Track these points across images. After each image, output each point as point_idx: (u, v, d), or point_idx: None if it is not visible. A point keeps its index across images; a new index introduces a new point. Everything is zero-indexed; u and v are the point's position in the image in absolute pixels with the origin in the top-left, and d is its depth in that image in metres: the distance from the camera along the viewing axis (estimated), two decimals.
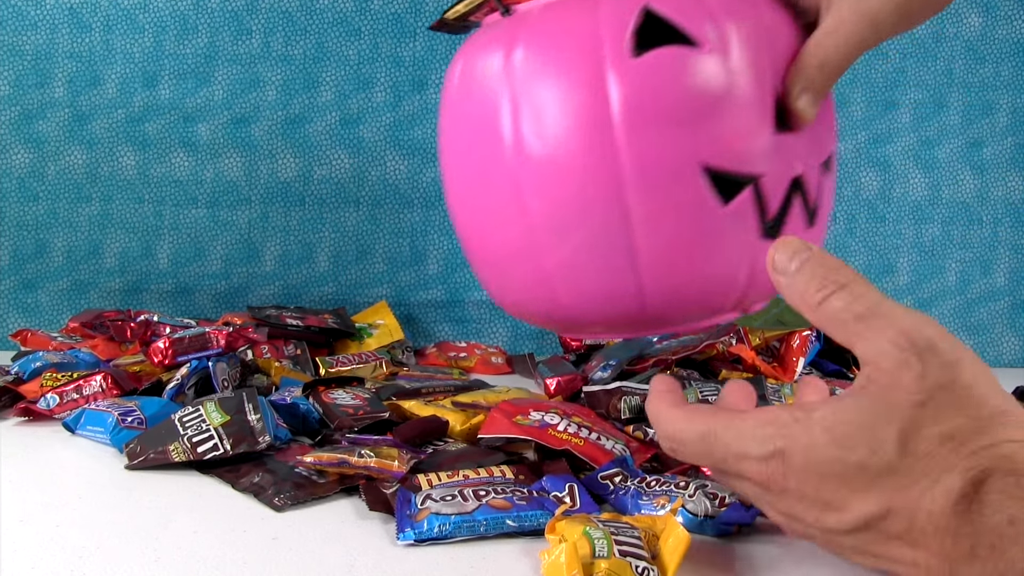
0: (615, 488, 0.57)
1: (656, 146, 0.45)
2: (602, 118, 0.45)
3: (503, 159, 0.48)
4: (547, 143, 0.46)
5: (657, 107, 0.45)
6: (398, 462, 0.58)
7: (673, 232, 0.46)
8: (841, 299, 0.39)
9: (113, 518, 0.54)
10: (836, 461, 0.38)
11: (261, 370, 0.87)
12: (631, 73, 0.45)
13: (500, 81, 0.48)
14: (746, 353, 0.91)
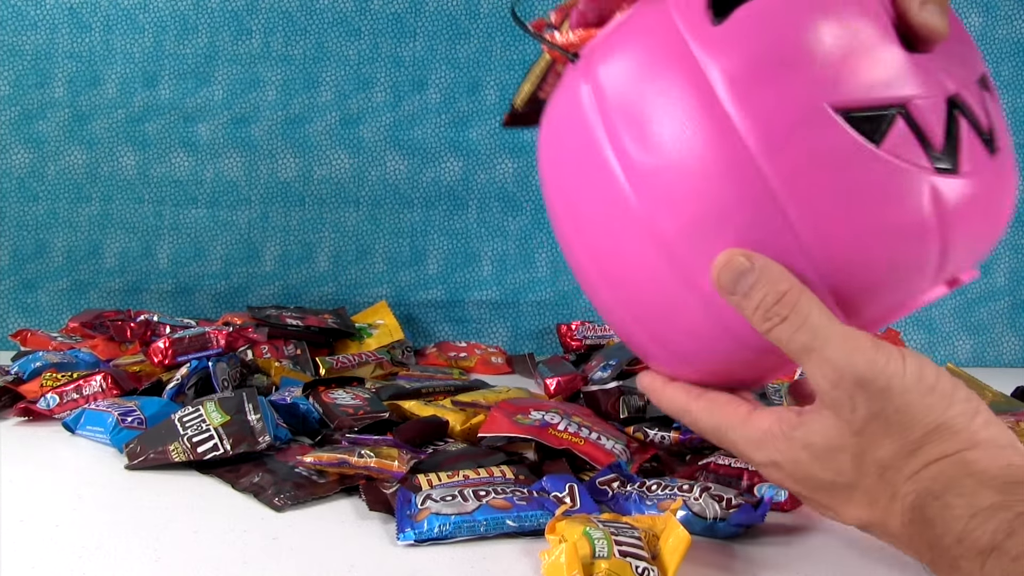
0: (615, 494, 0.57)
1: (773, 103, 0.39)
2: (708, 100, 0.40)
3: (618, 193, 0.43)
4: (660, 152, 0.41)
5: (756, 62, 0.39)
6: (398, 462, 0.58)
7: (827, 192, 0.39)
8: (783, 332, 0.39)
9: (113, 518, 0.54)
10: (817, 477, 0.40)
11: (261, 370, 0.87)
12: (719, 42, 0.40)
13: (591, 112, 0.44)
14: None
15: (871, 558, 0.50)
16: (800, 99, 0.39)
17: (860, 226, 0.39)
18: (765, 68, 0.39)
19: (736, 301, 0.39)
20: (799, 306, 0.38)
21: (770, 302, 0.38)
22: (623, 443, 0.65)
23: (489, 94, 1.16)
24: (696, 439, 0.67)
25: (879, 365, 0.37)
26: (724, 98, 0.40)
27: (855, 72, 0.39)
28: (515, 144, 1.16)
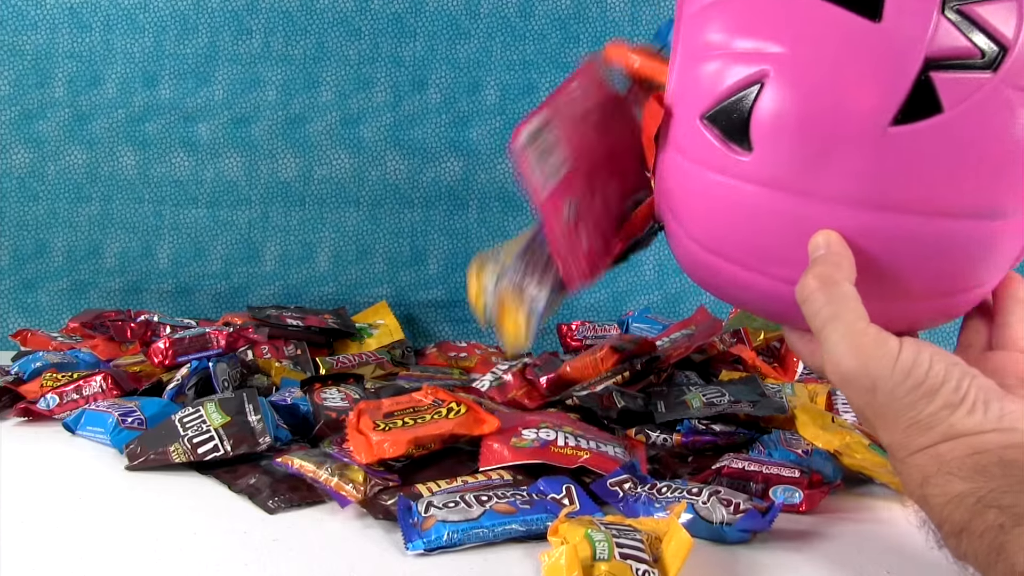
0: (625, 495, 0.57)
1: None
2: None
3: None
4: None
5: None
6: (353, 486, 0.56)
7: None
8: (808, 307, 0.42)
9: (113, 518, 0.54)
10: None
11: (261, 370, 0.87)
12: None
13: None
14: (746, 353, 0.91)
15: (880, 564, 0.50)
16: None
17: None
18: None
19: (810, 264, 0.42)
20: (831, 294, 0.41)
21: (814, 284, 0.41)
22: (622, 446, 0.65)
23: (489, 94, 1.16)
24: (698, 441, 0.67)
25: (870, 363, 0.40)
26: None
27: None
28: None
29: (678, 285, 1.20)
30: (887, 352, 0.40)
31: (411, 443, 0.60)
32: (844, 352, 0.40)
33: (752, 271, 0.46)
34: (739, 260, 0.46)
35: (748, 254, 0.45)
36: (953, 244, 0.42)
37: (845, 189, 0.41)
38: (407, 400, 0.69)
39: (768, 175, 0.42)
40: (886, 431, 0.41)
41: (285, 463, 0.59)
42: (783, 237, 0.43)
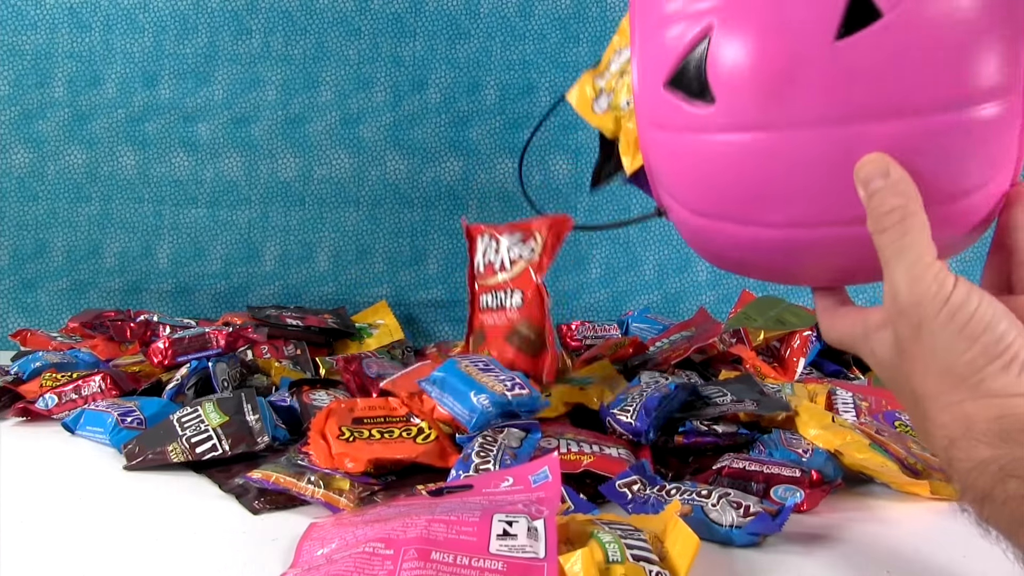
0: (633, 497, 0.56)
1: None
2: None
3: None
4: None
5: None
6: (345, 499, 0.55)
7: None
8: (880, 238, 0.41)
9: (112, 518, 0.54)
10: (884, 379, 0.46)
11: (261, 370, 0.87)
12: None
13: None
14: (746, 353, 0.91)
15: (880, 564, 0.50)
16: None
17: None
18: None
19: (863, 195, 0.42)
20: (902, 224, 0.41)
21: (884, 210, 0.41)
22: (626, 449, 0.64)
23: (489, 94, 1.16)
24: (699, 443, 0.67)
25: (924, 299, 0.40)
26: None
27: None
28: (515, 144, 1.16)
29: (678, 285, 1.20)
30: (941, 290, 0.39)
31: (371, 463, 0.59)
32: (904, 285, 0.40)
33: (748, 224, 0.46)
34: (732, 215, 0.46)
35: (739, 206, 0.46)
36: (934, 143, 0.41)
37: (809, 112, 0.42)
38: (381, 405, 0.68)
39: (734, 120, 0.43)
40: (921, 377, 0.41)
41: (264, 479, 0.57)
42: (764, 176, 0.44)
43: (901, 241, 0.40)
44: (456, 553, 0.41)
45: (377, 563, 0.41)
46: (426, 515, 0.45)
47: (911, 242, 0.40)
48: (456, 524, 0.44)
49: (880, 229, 0.41)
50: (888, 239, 0.41)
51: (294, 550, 0.47)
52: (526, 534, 0.43)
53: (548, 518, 0.45)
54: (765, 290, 1.15)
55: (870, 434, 0.65)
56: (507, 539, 0.43)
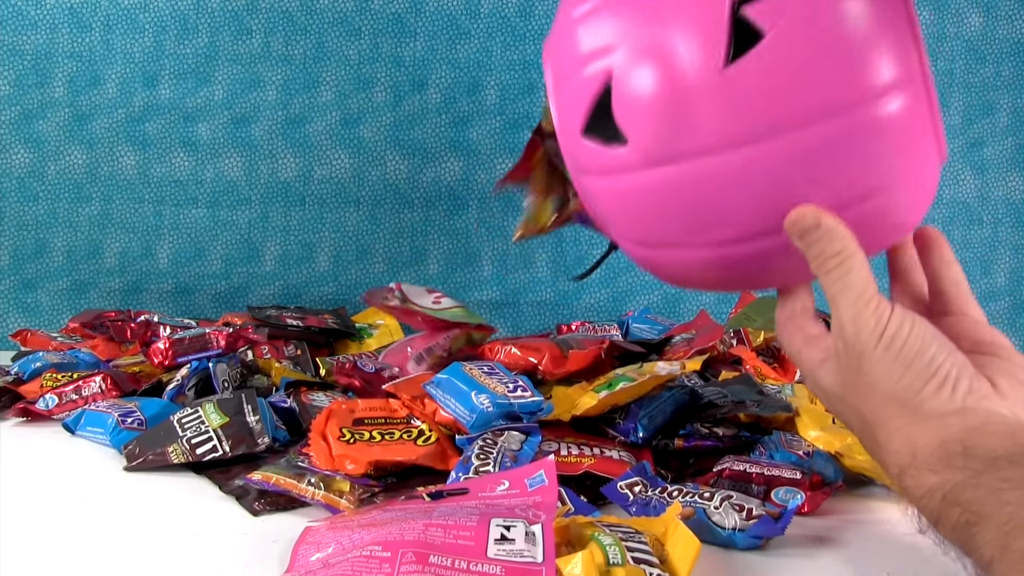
0: (635, 498, 0.56)
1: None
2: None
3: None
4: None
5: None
6: (346, 499, 0.55)
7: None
8: (825, 280, 0.43)
9: (113, 519, 0.54)
10: (835, 414, 0.47)
11: (261, 371, 0.87)
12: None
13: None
14: (746, 354, 0.91)
15: (881, 566, 0.50)
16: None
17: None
18: None
19: (800, 245, 0.44)
20: (842, 267, 0.43)
21: (824, 256, 0.43)
22: (628, 453, 0.64)
23: (489, 94, 1.16)
24: (700, 446, 0.67)
25: (863, 332, 0.41)
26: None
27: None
28: (515, 144, 1.16)
29: None
30: (879, 323, 0.41)
31: (371, 465, 0.59)
32: (848, 320, 0.42)
33: (687, 247, 0.47)
34: (670, 242, 0.47)
35: (672, 233, 0.47)
36: (841, 145, 0.42)
37: (713, 138, 0.43)
38: (382, 407, 0.68)
39: (646, 157, 0.45)
40: (868, 406, 0.42)
41: (264, 481, 0.57)
42: (686, 205, 0.45)
43: (843, 280, 0.42)
44: (454, 557, 0.41)
45: (375, 566, 0.41)
46: (423, 519, 0.45)
47: (852, 280, 0.42)
48: (453, 528, 0.44)
49: (823, 272, 0.43)
50: (831, 280, 0.43)
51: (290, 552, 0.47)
52: (524, 538, 0.43)
53: (546, 523, 0.45)
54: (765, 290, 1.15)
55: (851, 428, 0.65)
56: (505, 543, 0.43)
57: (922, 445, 0.40)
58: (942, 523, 0.38)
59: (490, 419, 0.61)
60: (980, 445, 0.38)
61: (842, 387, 0.44)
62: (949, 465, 0.38)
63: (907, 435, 0.41)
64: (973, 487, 0.36)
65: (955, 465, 0.38)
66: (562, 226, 0.64)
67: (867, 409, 0.43)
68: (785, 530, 0.51)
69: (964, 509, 0.36)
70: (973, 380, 0.41)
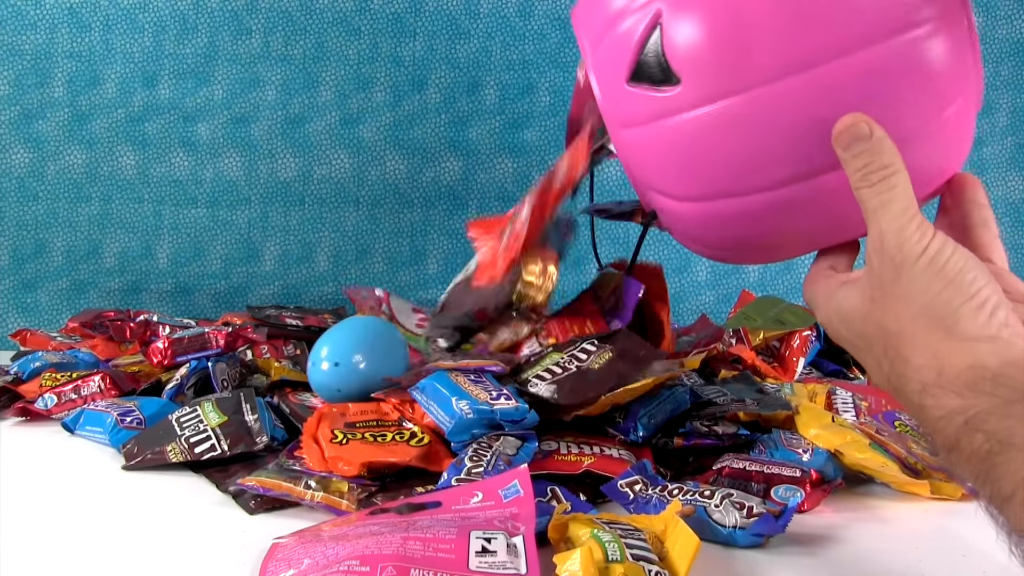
0: (635, 497, 0.56)
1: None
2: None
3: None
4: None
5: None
6: (346, 501, 0.55)
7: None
8: (867, 193, 0.43)
9: (112, 518, 0.54)
10: (844, 337, 0.46)
11: (261, 370, 0.87)
12: None
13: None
14: (746, 353, 0.91)
15: (881, 564, 0.50)
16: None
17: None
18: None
19: (844, 157, 0.43)
20: (888, 181, 0.42)
21: (871, 168, 0.42)
22: (626, 450, 0.64)
23: (489, 94, 1.16)
24: (700, 444, 0.67)
25: (906, 244, 0.41)
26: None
27: None
28: (515, 144, 1.16)
29: (678, 285, 1.20)
30: (923, 238, 0.41)
31: (364, 467, 0.58)
32: (891, 231, 0.42)
33: (738, 195, 0.46)
34: (720, 191, 0.47)
35: (725, 179, 0.46)
36: (895, 69, 0.42)
37: (771, 66, 0.43)
38: (373, 410, 0.68)
39: (703, 93, 0.44)
40: (897, 319, 0.42)
41: (258, 486, 0.56)
42: (744, 142, 0.44)
43: (889, 193, 0.42)
44: (435, 570, 0.41)
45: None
46: (400, 532, 0.44)
47: (898, 194, 0.42)
48: (433, 541, 0.43)
49: (866, 185, 0.42)
50: (875, 192, 0.42)
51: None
52: (505, 550, 0.43)
53: (526, 534, 0.44)
54: (765, 290, 1.15)
55: (870, 434, 0.65)
56: (486, 556, 0.43)
57: (949, 365, 0.39)
58: (959, 450, 0.37)
59: (470, 426, 0.60)
60: (1012, 376, 0.37)
61: (870, 302, 0.43)
62: (975, 390, 0.37)
63: (935, 352, 0.40)
64: (1002, 416, 0.36)
65: (983, 391, 0.37)
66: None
67: (895, 323, 0.42)
68: (786, 528, 0.51)
69: (988, 437, 0.35)
70: (1012, 315, 0.40)
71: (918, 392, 0.40)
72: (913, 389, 0.40)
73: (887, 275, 0.42)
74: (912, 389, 0.40)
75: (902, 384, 0.41)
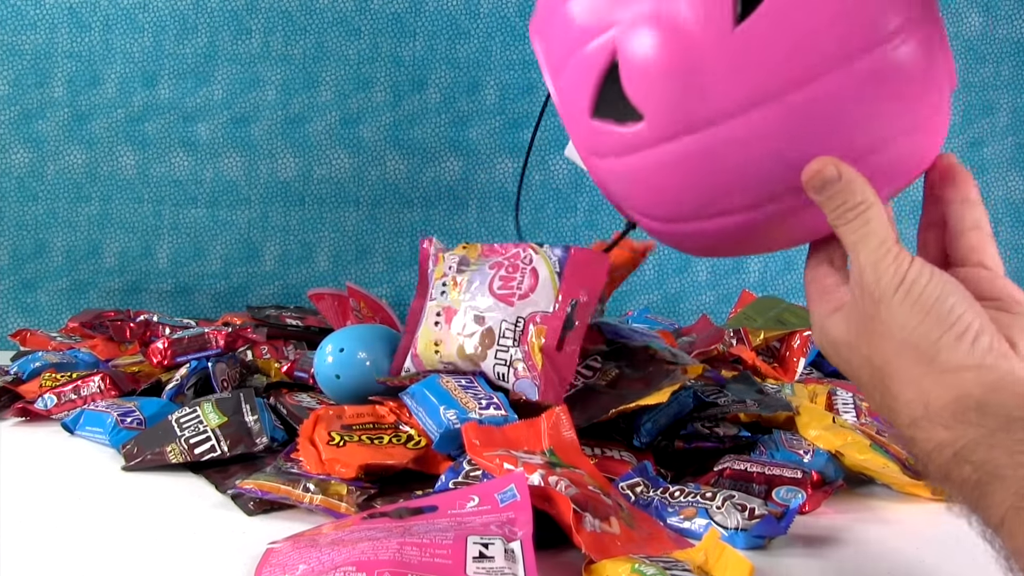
0: (636, 499, 0.56)
1: None
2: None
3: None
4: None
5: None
6: (345, 503, 0.55)
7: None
8: (845, 231, 0.43)
9: (112, 519, 0.54)
10: (839, 366, 0.46)
11: (261, 371, 0.87)
12: None
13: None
14: (746, 353, 0.91)
15: (881, 564, 0.50)
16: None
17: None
18: None
19: (818, 200, 0.43)
20: (864, 215, 0.42)
21: (845, 208, 0.42)
22: (627, 452, 0.64)
23: (489, 94, 1.15)
24: (700, 447, 0.67)
25: (883, 279, 0.41)
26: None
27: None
28: (515, 144, 1.16)
29: (678, 285, 1.19)
30: (899, 270, 0.41)
31: (361, 469, 0.58)
32: (868, 267, 0.42)
33: (711, 218, 0.46)
34: (693, 215, 0.47)
35: (696, 205, 0.46)
36: (860, 91, 0.41)
37: (732, 101, 0.42)
38: (370, 413, 0.67)
39: (665, 130, 0.43)
40: (882, 354, 0.41)
41: (257, 489, 0.56)
42: (709, 174, 0.44)
43: (863, 230, 0.42)
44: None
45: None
46: (396, 538, 0.44)
47: (873, 229, 0.42)
48: (429, 547, 0.43)
49: (843, 223, 0.43)
50: (850, 230, 0.42)
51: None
52: (503, 556, 0.43)
53: (524, 539, 0.44)
54: (765, 290, 1.15)
55: (871, 435, 0.65)
56: (484, 561, 0.42)
57: (935, 397, 0.39)
58: (951, 480, 0.37)
59: (456, 434, 0.60)
60: (996, 403, 0.37)
61: (856, 335, 0.43)
62: (962, 421, 0.37)
63: (920, 386, 0.40)
64: (988, 447, 0.36)
65: (968, 421, 0.37)
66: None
67: (880, 357, 0.42)
68: (787, 529, 0.50)
69: (976, 468, 0.35)
70: (994, 338, 0.39)
71: (908, 426, 0.40)
72: (903, 423, 0.41)
73: (868, 309, 0.42)
74: (902, 423, 0.41)
75: (893, 417, 0.42)
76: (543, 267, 0.69)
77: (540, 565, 0.43)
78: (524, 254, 0.70)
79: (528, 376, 0.65)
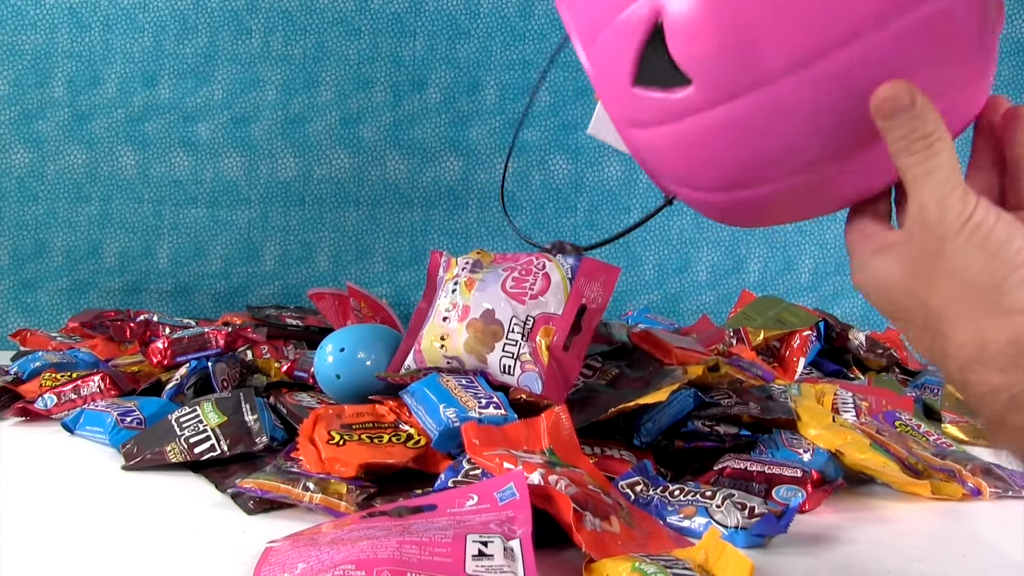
0: (636, 497, 0.56)
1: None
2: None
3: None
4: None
5: None
6: (345, 502, 0.55)
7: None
8: (910, 161, 0.41)
9: (112, 518, 0.54)
10: (882, 308, 0.45)
11: (261, 370, 0.87)
12: None
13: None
14: (746, 353, 0.91)
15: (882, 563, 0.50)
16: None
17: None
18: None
19: (885, 126, 0.41)
20: (933, 147, 0.41)
21: (913, 137, 0.41)
22: (627, 451, 0.64)
23: (489, 94, 1.16)
24: (700, 446, 0.67)
25: (948, 216, 0.39)
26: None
27: None
28: (515, 144, 1.16)
29: (678, 285, 1.19)
30: (965, 209, 0.40)
31: (361, 468, 0.58)
32: (933, 202, 0.40)
33: (762, 184, 0.45)
34: (744, 181, 0.45)
35: (747, 171, 0.44)
36: (917, 36, 0.40)
37: (784, 59, 0.40)
38: (369, 412, 0.68)
39: (718, 93, 0.42)
40: (940, 294, 0.40)
41: (256, 488, 0.56)
42: (762, 137, 0.43)
43: (932, 162, 0.40)
44: (431, 574, 0.41)
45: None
46: (396, 536, 0.44)
47: (941, 162, 0.40)
48: (429, 545, 0.43)
49: (909, 153, 0.41)
50: (916, 161, 0.41)
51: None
52: (502, 554, 0.42)
53: (523, 537, 0.44)
54: (765, 290, 1.15)
55: (871, 434, 0.65)
56: (483, 559, 0.42)
57: (993, 339, 0.38)
58: (1007, 425, 0.37)
59: (456, 433, 0.60)
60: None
61: (911, 276, 0.41)
62: (1019, 364, 0.37)
63: (978, 327, 0.39)
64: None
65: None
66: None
67: (937, 298, 0.40)
68: (787, 528, 0.50)
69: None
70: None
71: (960, 369, 0.39)
72: (954, 367, 0.40)
73: (929, 248, 0.40)
74: (954, 366, 0.40)
75: (943, 360, 0.41)
76: (555, 272, 0.70)
77: (540, 564, 0.43)
78: (538, 261, 0.71)
79: (534, 370, 0.65)
